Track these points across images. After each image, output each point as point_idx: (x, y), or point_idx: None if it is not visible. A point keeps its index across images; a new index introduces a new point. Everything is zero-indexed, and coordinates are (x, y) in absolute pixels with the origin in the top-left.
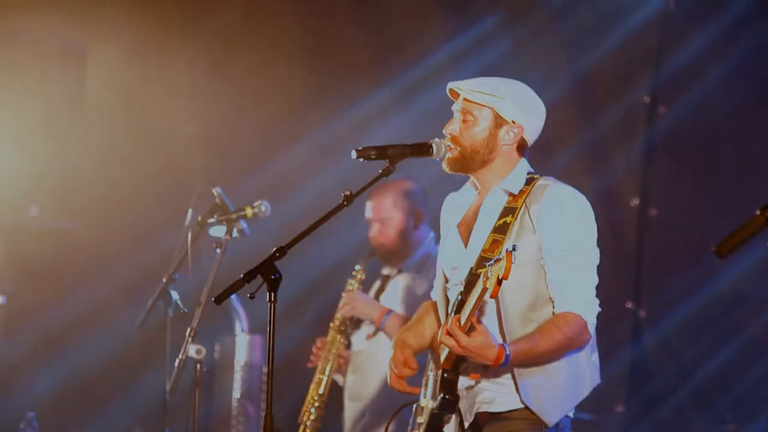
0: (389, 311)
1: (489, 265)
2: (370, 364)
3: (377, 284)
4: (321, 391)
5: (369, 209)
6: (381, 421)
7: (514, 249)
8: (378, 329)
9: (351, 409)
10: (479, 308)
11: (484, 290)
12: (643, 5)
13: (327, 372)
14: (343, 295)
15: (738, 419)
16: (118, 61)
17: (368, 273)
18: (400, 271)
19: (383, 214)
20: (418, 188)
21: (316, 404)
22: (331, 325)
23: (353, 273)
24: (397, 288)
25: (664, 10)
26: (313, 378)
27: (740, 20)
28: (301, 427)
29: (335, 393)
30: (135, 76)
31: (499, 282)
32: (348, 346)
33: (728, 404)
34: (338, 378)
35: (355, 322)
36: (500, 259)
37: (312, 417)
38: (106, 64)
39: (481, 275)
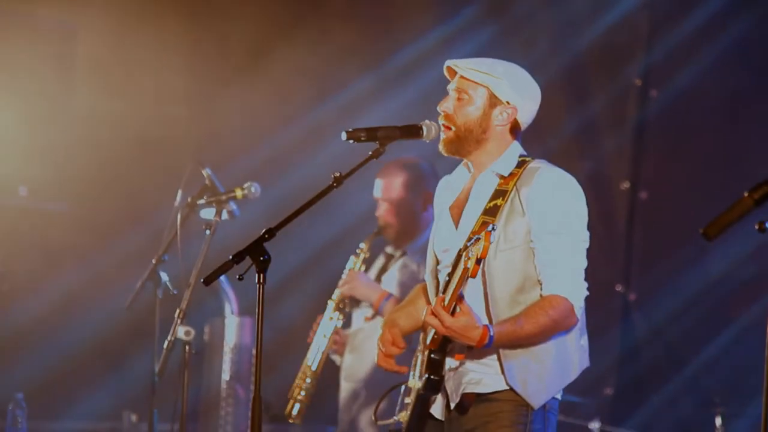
0: (389, 295)
1: (470, 245)
2: (368, 344)
3: (380, 262)
4: (314, 367)
5: (378, 188)
6: (375, 402)
7: (493, 229)
8: (376, 313)
9: (346, 390)
10: (466, 289)
11: (465, 270)
12: None
13: (322, 348)
14: (345, 272)
15: (726, 402)
16: (108, 41)
17: (374, 250)
18: (404, 253)
19: (391, 194)
20: (429, 168)
21: (308, 380)
22: (329, 302)
23: (357, 251)
24: (400, 270)
25: None
26: (306, 354)
27: (730, 4)
28: (291, 402)
29: (332, 373)
30: (125, 57)
31: (478, 261)
32: (347, 325)
33: (717, 387)
34: (336, 358)
35: (355, 302)
36: (479, 239)
37: (302, 393)
38: (97, 45)
39: (463, 255)
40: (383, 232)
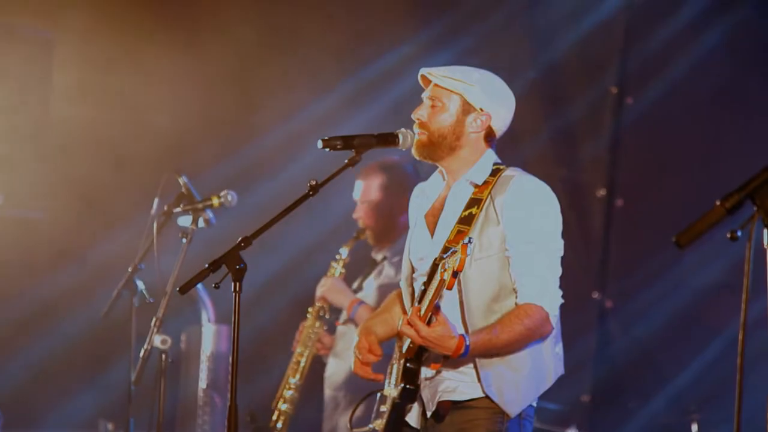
0: (360, 302)
1: (446, 257)
2: (349, 350)
3: (367, 268)
4: (297, 376)
5: (357, 190)
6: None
7: (469, 241)
8: (348, 318)
9: (329, 398)
10: (441, 299)
11: (442, 282)
12: None
13: (304, 357)
14: (322, 279)
15: (703, 409)
16: (85, 49)
17: (358, 255)
18: (385, 258)
19: (369, 196)
20: (411, 169)
21: (291, 389)
22: (310, 309)
23: (336, 257)
24: (377, 277)
25: (632, 1)
26: (289, 363)
27: (706, 12)
28: (275, 413)
29: (317, 383)
30: (102, 65)
31: (455, 274)
32: (333, 331)
33: (693, 394)
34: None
35: (335, 308)
36: (456, 251)
37: (286, 402)
38: (74, 53)
39: (439, 266)
40: (362, 234)
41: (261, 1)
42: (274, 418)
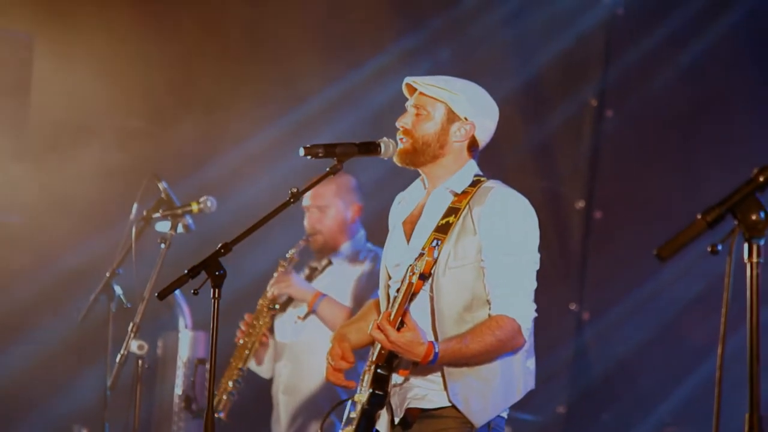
0: (323, 295)
1: (414, 261)
2: (308, 356)
3: (305, 273)
4: (242, 366)
5: (307, 196)
6: (320, 416)
7: (437, 245)
8: (310, 312)
9: (287, 404)
10: (414, 305)
11: (410, 285)
12: (591, 9)
13: (250, 348)
14: (276, 274)
15: (677, 420)
16: (65, 53)
17: (299, 261)
18: (330, 263)
19: (323, 201)
20: (357, 183)
21: (235, 377)
22: (260, 301)
23: (286, 256)
24: (325, 278)
25: (613, 14)
26: (234, 353)
27: (686, 26)
28: (217, 398)
29: (263, 386)
30: (81, 69)
31: (422, 277)
32: (271, 332)
33: (667, 405)
34: (252, 364)
35: (284, 305)
36: (423, 254)
37: (230, 389)
38: (53, 56)
39: (408, 271)
40: (310, 240)
41: (242, 8)
42: (216, 401)
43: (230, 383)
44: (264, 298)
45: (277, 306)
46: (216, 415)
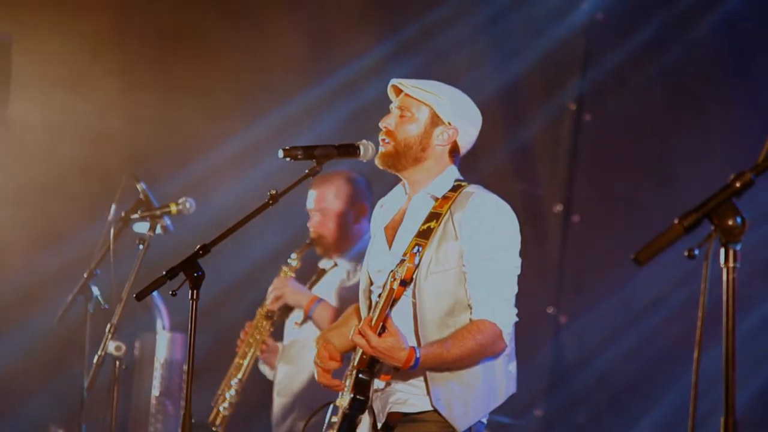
0: (319, 299)
1: (396, 267)
2: (302, 357)
3: (313, 277)
4: (239, 375)
5: (310, 199)
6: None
7: (418, 251)
8: (306, 317)
9: (279, 405)
10: (396, 310)
11: (391, 291)
12: (571, 14)
13: (248, 357)
14: (275, 280)
15: (652, 424)
16: (44, 53)
17: (305, 264)
18: (335, 265)
19: (324, 204)
20: (363, 181)
21: (233, 389)
22: (259, 310)
23: (288, 261)
24: (330, 281)
25: (592, 19)
26: (233, 362)
27: (665, 31)
28: (214, 411)
29: (265, 388)
30: (61, 69)
31: (402, 283)
32: (279, 336)
33: (643, 409)
34: (265, 370)
35: (285, 311)
36: (404, 261)
37: (227, 401)
38: (32, 56)
39: (389, 276)
40: (315, 243)
41: (222, 10)
42: (213, 414)
43: (227, 395)
44: (262, 306)
45: (273, 315)
46: (214, 429)
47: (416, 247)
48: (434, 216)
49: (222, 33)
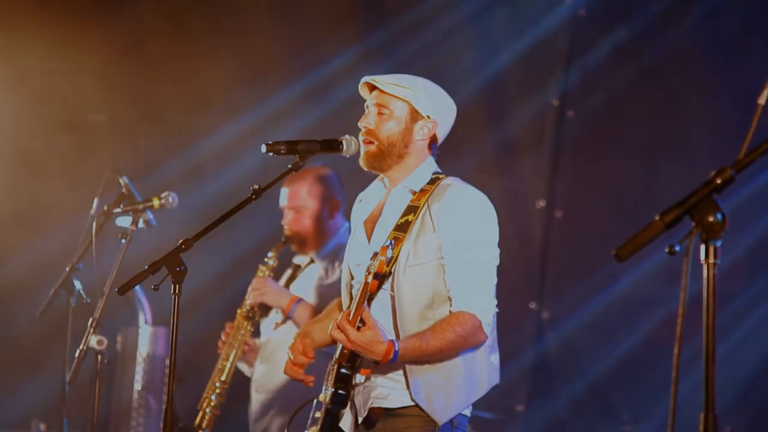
0: (299, 300)
1: (370, 260)
2: (279, 354)
3: (288, 273)
4: (223, 377)
5: (283, 197)
6: (288, 414)
7: (390, 245)
8: (286, 317)
9: (257, 401)
10: (375, 304)
11: (366, 284)
12: (553, 10)
13: (231, 359)
14: (253, 281)
15: (633, 419)
16: (25, 47)
17: (281, 261)
18: (312, 261)
19: (298, 202)
20: (335, 176)
21: (218, 391)
22: (239, 311)
23: (265, 260)
24: (308, 277)
25: (575, 15)
26: (216, 364)
27: (648, 27)
28: (200, 414)
29: (242, 384)
30: (42, 63)
31: (376, 276)
32: (256, 335)
33: (625, 405)
34: (244, 368)
35: (264, 310)
36: (377, 254)
37: (212, 403)
38: (15, 51)
39: (364, 270)
40: (290, 241)
41: (206, 4)
42: (199, 417)
43: (212, 397)
44: (242, 307)
45: (254, 316)
46: None
47: (389, 241)
48: (412, 209)
49: (206, 28)
